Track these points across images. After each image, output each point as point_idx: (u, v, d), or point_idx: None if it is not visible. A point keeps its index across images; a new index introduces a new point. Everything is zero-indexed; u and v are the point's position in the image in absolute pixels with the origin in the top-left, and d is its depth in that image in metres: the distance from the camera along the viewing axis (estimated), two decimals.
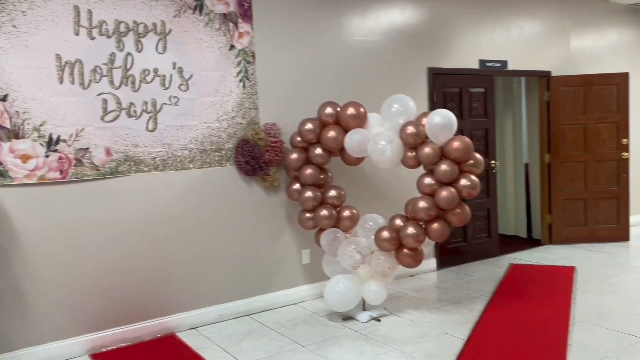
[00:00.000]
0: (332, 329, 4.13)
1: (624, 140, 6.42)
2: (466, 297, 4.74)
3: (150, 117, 4.15)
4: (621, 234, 6.48)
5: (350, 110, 4.35)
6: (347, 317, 4.35)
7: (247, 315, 4.53)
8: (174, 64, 4.21)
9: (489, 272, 5.51)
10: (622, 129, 6.42)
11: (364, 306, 4.42)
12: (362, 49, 5.12)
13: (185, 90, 4.28)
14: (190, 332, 4.20)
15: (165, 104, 4.20)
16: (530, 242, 6.74)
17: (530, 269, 5.55)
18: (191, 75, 4.29)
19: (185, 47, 4.25)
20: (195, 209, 4.35)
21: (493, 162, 6.04)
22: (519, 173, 7.01)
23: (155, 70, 4.15)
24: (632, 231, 6.67)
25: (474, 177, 4.12)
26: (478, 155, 4.19)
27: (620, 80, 6.38)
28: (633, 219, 6.88)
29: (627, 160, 6.44)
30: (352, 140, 4.30)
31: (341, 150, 4.48)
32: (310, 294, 4.90)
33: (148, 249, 4.16)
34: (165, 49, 4.18)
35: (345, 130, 4.39)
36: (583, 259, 5.80)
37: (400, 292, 4.99)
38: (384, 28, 5.23)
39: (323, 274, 4.68)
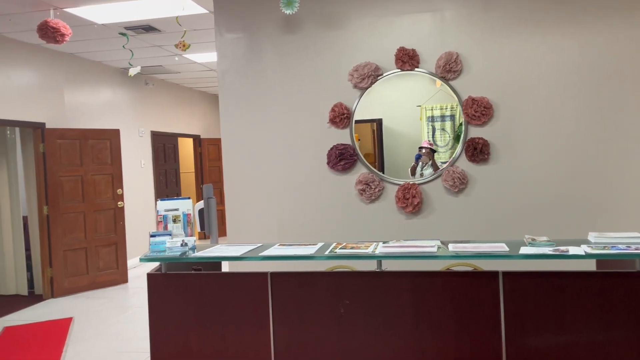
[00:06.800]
0: None
1: (119, 190, 7.04)
2: None
3: None
4: (121, 278, 7.01)
5: None
6: None
7: None
8: None
9: None
10: (117, 179, 7.03)
11: None
12: None
13: None
14: None
15: None
16: (32, 298, 6.41)
17: (25, 329, 5.24)
18: None
19: None
20: None
21: None
22: (17, 227, 6.59)
23: None
24: (131, 273, 7.34)
25: None
26: None
27: (112, 135, 6.99)
28: (130, 262, 7.57)
29: (122, 208, 7.07)
30: None
31: None
32: None
33: None
34: None
35: None
36: (83, 308, 5.93)
37: None
38: None
39: None
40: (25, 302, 6.24)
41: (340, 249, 2.70)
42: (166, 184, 9.20)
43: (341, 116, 4.27)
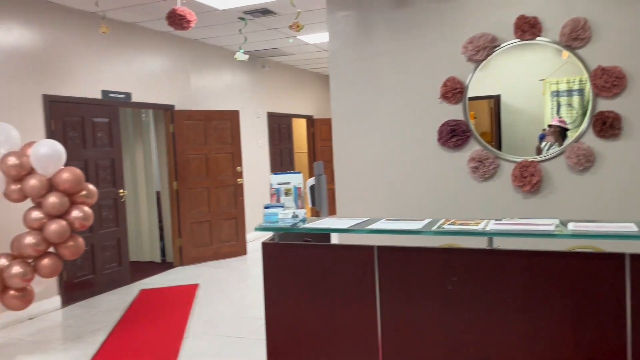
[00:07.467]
0: None
1: (239, 168, 7.48)
2: (89, 330, 4.63)
3: None
4: (240, 250, 7.49)
5: None
6: None
7: None
8: None
9: (119, 301, 5.53)
10: (236, 158, 7.47)
11: None
12: None
13: None
14: None
15: None
16: (164, 265, 7.08)
17: (158, 292, 5.82)
18: None
19: None
20: None
21: (122, 191, 6.13)
22: (151, 200, 7.30)
23: None
24: (249, 246, 7.80)
25: (86, 208, 4.11)
26: (91, 186, 4.21)
27: (232, 116, 7.42)
28: (249, 236, 8.04)
29: (242, 185, 7.51)
30: None
31: None
32: None
33: None
34: None
35: None
36: (207, 276, 6.44)
37: (15, 338, 4.51)
38: None
39: None
40: (158, 269, 6.92)
41: (448, 224, 2.65)
42: (281, 163, 9.58)
43: (453, 91, 4.13)
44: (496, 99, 4.25)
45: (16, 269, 3.83)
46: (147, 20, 6.18)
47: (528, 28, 3.88)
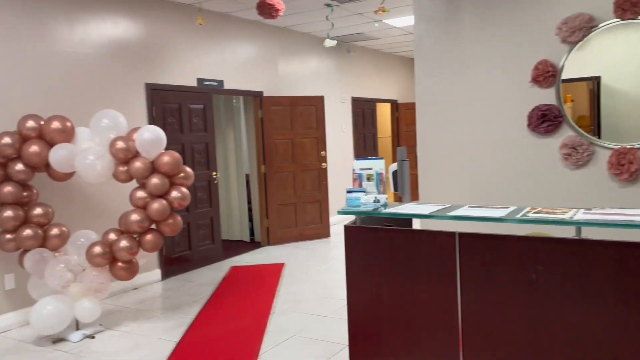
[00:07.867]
0: (39, 355, 3.93)
1: (323, 152, 7.64)
2: (186, 302, 5.03)
3: None
4: (324, 232, 7.69)
5: (56, 124, 4.22)
6: (58, 340, 4.18)
7: None
8: None
9: (212, 276, 5.93)
10: (321, 142, 7.63)
11: (77, 326, 4.31)
12: (72, 60, 4.98)
13: None
14: None
15: None
16: (252, 244, 7.45)
17: (247, 270, 6.16)
18: None
19: None
20: None
21: (214, 173, 6.51)
22: (241, 183, 7.68)
23: None
24: (332, 229, 7.98)
25: (184, 189, 4.43)
26: (188, 169, 4.53)
27: (317, 102, 7.57)
28: (332, 218, 8.21)
29: (325, 169, 7.68)
30: (58, 156, 4.18)
31: (47, 166, 4.31)
32: (17, 321, 4.53)
33: None
34: None
35: (51, 145, 4.25)
36: (292, 256, 6.70)
37: (121, 306, 5.00)
38: (96, 41, 5.19)
39: (31, 299, 4.40)
40: (247, 247, 7.30)
41: (534, 213, 2.60)
42: (364, 148, 9.64)
43: (545, 74, 3.97)
44: (595, 81, 4.02)
45: (123, 242, 4.23)
46: (238, 10, 6.45)
47: (629, 7, 3.63)
